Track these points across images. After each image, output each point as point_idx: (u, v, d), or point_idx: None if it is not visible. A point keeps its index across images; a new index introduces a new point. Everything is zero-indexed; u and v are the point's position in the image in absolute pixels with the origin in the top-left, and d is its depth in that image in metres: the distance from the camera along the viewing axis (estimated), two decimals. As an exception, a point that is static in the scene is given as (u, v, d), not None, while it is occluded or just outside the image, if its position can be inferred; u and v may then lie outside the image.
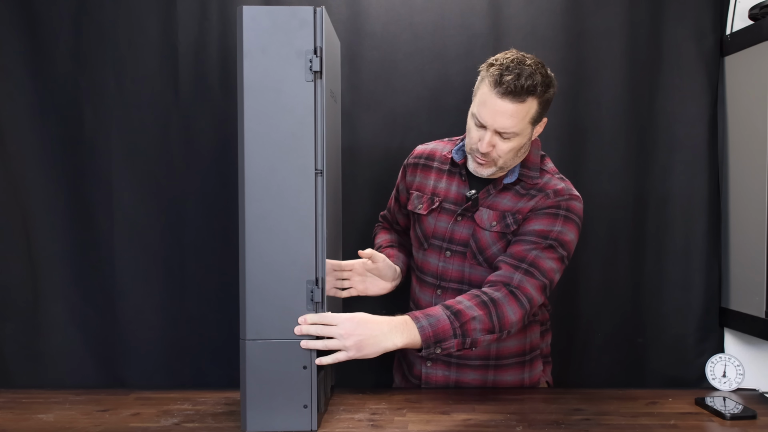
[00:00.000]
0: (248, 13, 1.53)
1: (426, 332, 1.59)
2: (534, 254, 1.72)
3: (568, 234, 1.76)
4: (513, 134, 1.71)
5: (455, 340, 1.61)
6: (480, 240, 1.82)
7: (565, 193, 1.79)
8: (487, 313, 1.63)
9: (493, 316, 1.64)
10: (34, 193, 2.23)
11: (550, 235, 1.74)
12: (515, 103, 1.67)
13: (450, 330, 1.60)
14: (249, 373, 1.56)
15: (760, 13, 2.09)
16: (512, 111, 1.68)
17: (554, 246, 1.74)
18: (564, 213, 1.76)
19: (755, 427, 1.68)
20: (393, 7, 2.24)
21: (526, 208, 1.79)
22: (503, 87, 1.66)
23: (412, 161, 2.00)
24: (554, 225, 1.75)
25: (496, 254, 1.80)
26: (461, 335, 1.61)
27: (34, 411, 1.76)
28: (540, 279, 1.71)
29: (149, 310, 2.27)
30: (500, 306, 1.65)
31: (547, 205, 1.77)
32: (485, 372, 1.91)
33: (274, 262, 1.55)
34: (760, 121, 2.02)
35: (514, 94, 1.66)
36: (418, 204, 1.93)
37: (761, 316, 2.00)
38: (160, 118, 2.24)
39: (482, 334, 1.63)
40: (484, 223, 1.82)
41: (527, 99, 1.68)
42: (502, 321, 1.64)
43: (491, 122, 1.70)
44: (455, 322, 1.61)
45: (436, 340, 1.59)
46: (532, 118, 1.72)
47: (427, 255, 1.91)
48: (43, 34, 2.21)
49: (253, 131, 1.54)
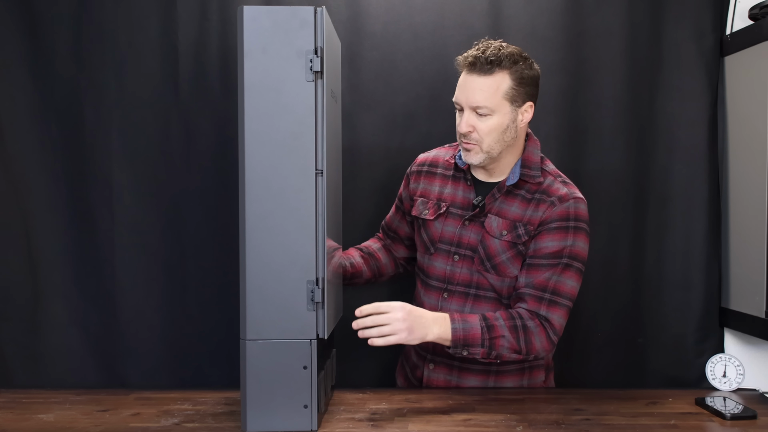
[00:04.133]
0: (248, 13, 1.53)
1: (457, 334, 1.72)
2: (554, 281, 1.79)
3: (580, 245, 1.81)
4: (488, 110, 1.76)
5: (482, 349, 1.74)
6: (489, 247, 1.84)
7: (570, 198, 1.81)
8: (516, 337, 1.75)
9: (521, 342, 1.75)
10: (34, 193, 2.23)
11: (563, 253, 1.79)
12: (483, 76, 1.75)
13: (479, 339, 1.73)
14: (249, 373, 1.56)
15: (760, 13, 2.09)
16: (481, 84, 1.75)
17: (569, 263, 1.80)
18: (573, 224, 1.80)
19: (755, 427, 1.68)
20: (393, 7, 2.25)
21: (536, 219, 1.81)
22: (469, 64, 1.77)
23: (415, 169, 2.00)
24: (566, 240, 1.79)
25: (505, 262, 1.82)
26: (489, 347, 1.74)
27: (34, 411, 1.75)
28: (564, 304, 1.80)
29: (149, 310, 2.27)
30: (530, 335, 1.76)
31: (557, 216, 1.80)
32: (486, 377, 1.91)
33: (274, 262, 1.55)
34: (760, 121, 2.02)
35: (480, 68, 1.75)
36: (423, 210, 1.94)
37: (761, 316, 2.00)
38: (160, 118, 2.24)
39: (509, 352, 1.76)
40: (493, 231, 1.83)
41: (495, 71, 1.75)
42: (529, 347, 1.76)
43: (465, 100, 1.78)
44: (486, 334, 1.73)
45: (465, 343, 1.73)
46: (505, 93, 1.76)
47: (433, 259, 1.91)
48: (43, 34, 2.21)
49: (254, 131, 1.54)
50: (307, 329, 1.56)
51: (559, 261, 1.79)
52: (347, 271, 1.97)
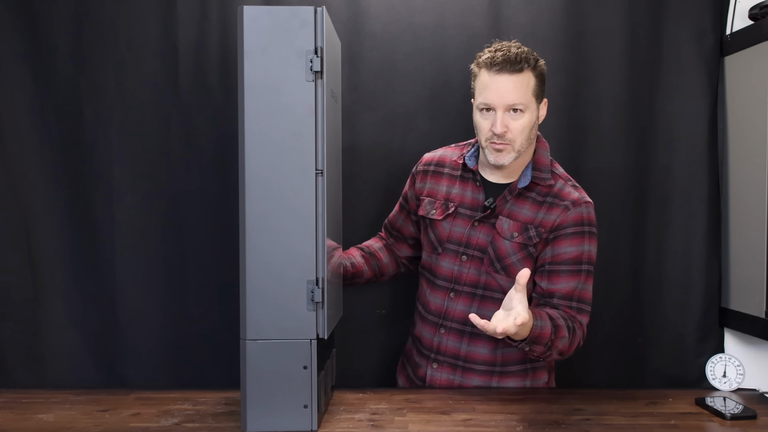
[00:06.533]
0: (249, 13, 1.53)
1: (535, 331, 1.72)
2: (579, 289, 1.85)
3: (594, 250, 1.88)
4: (522, 107, 1.79)
5: (542, 347, 1.76)
6: (499, 249, 1.84)
7: (582, 202, 1.85)
8: (569, 338, 1.80)
9: (571, 343, 1.81)
10: (34, 193, 2.22)
11: (582, 259, 1.85)
12: (514, 75, 1.78)
13: (547, 338, 1.75)
14: (249, 373, 1.56)
15: (760, 13, 2.09)
16: (515, 83, 1.78)
17: (588, 270, 1.86)
18: (588, 229, 1.85)
19: (755, 427, 1.68)
20: (393, 7, 2.24)
21: (548, 222, 1.83)
22: (498, 65, 1.78)
23: (421, 168, 2.01)
24: (583, 245, 1.84)
25: (516, 264, 1.84)
26: (549, 347, 1.77)
27: (34, 411, 1.76)
28: (587, 310, 1.87)
29: (149, 310, 2.27)
30: (575, 337, 1.82)
31: (572, 221, 1.83)
32: (490, 378, 1.92)
33: (274, 262, 1.55)
34: (760, 121, 2.02)
35: (510, 67, 1.77)
36: (431, 209, 1.94)
37: (761, 316, 2.00)
38: (160, 118, 2.24)
39: (557, 352, 1.80)
40: (504, 233, 1.84)
41: (524, 69, 1.79)
42: (570, 348, 1.82)
43: (499, 101, 1.78)
44: (553, 334, 1.76)
45: (532, 341, 1.74)
46: (533, 90, 1.81)
47: (440, 259, 1.92)
48: (43, 34, 2.21)
49: (254, 131, 1.54)
50: (307, 329, 1.56)
51: (579, 267, 1.84)
52: (348, 271, 1.97)
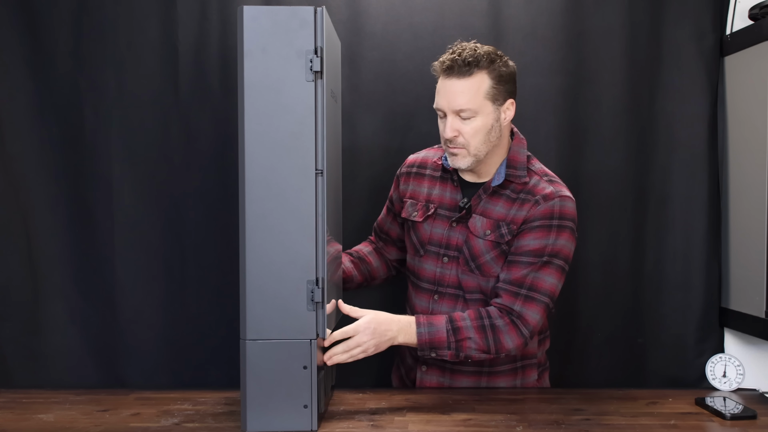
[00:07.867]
0: (248, 13, 1.53)
1: (423, 338, 1.74)
2: (531, 277, 1.77)
3: (562, 243, 1.78)
4: (471, 112, 1.74)
5: (449, 351, 1.75)
6: (473, 247, 1.83)
7: (555, 196, 1.79)
8: (483, 337, 1.74)
9: (490, 341, 1.75)
10: (34, 193, 2.23)
11: (545, 251, 1.77)
12: (462, 79, 1.73)
13: (445, 342, 1.74)
14: (249, 373, 1.56)
15: (760, 13, 2.09)
16: (461, 87, 1.74)
17: (550, 261, 1.77)
18: (557, 222, 1.78)
19: (755, 427, 1.68)
20: (393, 7, 2.25)
21: (519, 218, 1.79)
22: (446, 69, 1.75)
23: (404, 170, 2.00)
24: (548, 238, 1.77)
25: (489, 262, 1.81)
26: (455, 349, 1.75)
27: (34, 411, 1.75)
28: (541, 300, 1.77)
29: (149, 310, 2.27)
30: (499, 333, 1.75)
31: (540, 214, 1.78)
32: (478, 378, 1.91)
33: (274, 262, 1.55)
34: (760, 121, 2.02)
35: (458, 71, 1.73)
36: (412, 211, 1.93)
37: (761, 316, 2.00)
38: (160, 118, 2.24)
39: (477, 352, 1.76)
40: (477, 231, 1.82)
41: (474, 72, 1.73)
42: (498, 346, 1.75)
43: (447, 105, 1.76)
44: (452, 336, 1.74)
45: (431, 346, 1.74)
46: (486, 93, 1.75)
47: (423, 261, 1.91)
48: (43, 34, 2.21)
49: (254, 131, 1.54)
50: (307, 329, 1.56)
51: (539, 259, 1.77)
52: None
